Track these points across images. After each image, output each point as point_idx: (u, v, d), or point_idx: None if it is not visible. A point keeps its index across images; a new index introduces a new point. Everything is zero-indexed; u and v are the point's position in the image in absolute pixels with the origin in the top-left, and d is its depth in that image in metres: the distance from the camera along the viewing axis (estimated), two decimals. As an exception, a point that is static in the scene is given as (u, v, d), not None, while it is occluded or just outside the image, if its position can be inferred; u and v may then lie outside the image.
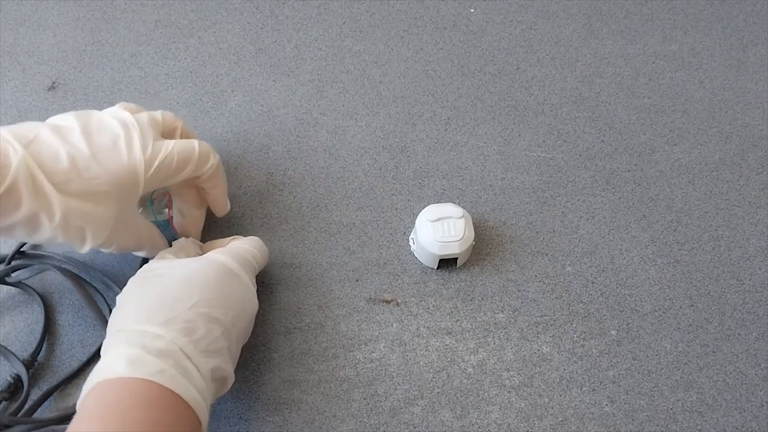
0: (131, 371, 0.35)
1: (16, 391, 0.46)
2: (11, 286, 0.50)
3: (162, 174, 0.43)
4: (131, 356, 0.35)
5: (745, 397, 0.47)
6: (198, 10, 0.64)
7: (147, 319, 0.37)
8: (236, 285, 0.42)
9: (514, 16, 0.64)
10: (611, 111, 0.59)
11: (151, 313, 0.38)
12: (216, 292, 0.40)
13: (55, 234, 0.40)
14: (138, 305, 0.39)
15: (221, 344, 0.39)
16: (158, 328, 0.37)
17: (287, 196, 0.54)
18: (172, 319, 0.38)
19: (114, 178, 0.41)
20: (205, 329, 0.38)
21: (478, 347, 0.48)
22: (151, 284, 0.40)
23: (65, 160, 0.40)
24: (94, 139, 0.41)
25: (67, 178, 0.39)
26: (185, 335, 0.37)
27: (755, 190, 0.55)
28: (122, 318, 0.39)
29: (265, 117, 0.58)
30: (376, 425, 0.46)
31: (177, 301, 0.39)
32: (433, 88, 0.60)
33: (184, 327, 0.38)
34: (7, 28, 0.63)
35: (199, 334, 0.38)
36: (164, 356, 0.36)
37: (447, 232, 0.49)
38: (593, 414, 0.46)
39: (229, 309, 0.41)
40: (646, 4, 0.64)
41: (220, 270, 0.42)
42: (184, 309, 0.38)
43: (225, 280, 0.42)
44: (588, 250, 0.52)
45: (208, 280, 0.41)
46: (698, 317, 0.50)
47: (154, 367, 0.35)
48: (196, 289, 0.40)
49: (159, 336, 0.37)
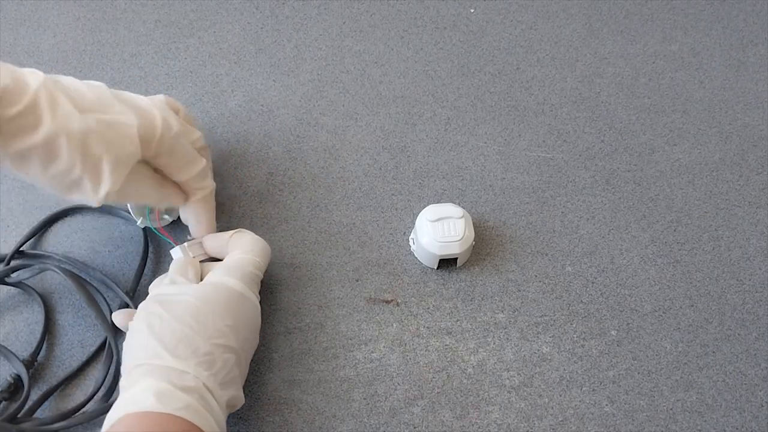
0: (160, 406, 0.35)
1: (15, 391, 0.46)
2: (11, 287, 0.50)
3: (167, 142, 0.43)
4: (159, 390, 0.36)
5: (745, 397, 0.47)
6: (198, 10, 0.64)
7: (170, 353, 0.38)
8: (245, 307, 0.43)
9: (514, 16, 0.64)
10: (611, 111, 0.59)
11: (172, 347, 0.38)
12: (229, 320, 0.41)
13: (74, 162, 0.38)
14: (159, 338, 0.39)
15: (235, 372, 0.40)
16: (182, 362, 0.38)
17: (287, 196, 0.54)
18: (193, 353, 0.38)
19: (136, 116, 0.41)
20: (222, 361, 0.39)
21: (478, 347, 0.48)
22: (167, 315, 0.40)
23: (88, 94, 0.40)
24: (116, 92, 0.42)
25: (90, 107, 0.39)
26: (206, 369, 0.38)
27: (755, 190, 0.55)
28: (144, 350, 0.39)
29: (265, 117, 0.58)
30: (376, 425, 0.46)
31: (195, 333, 0.39)
32: (433, 88, 0.60)
33: (204, 360, 0.38)
34: (7, 28, 0.63)
35: (217, 366, 0.39)
36: (189, 391, 0.37)
37: (447, 232, 0.49)
38: (593, 414, 0.46)
39: (240, 334, 0.41)
40: (646, 4, 0.64)
41: (228, 295, 0.42)
42: (202, 341, 0.39)
43: (235, 306, 0.42)
44: (588, 250, 0.52)
45: (219, 308, 0.41)
46: (698, 317, 0.50)
47: (181, 402, 0.36)
48: (210, 319, 0.40)
49: (184, 372, 0.37)
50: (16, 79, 0.37)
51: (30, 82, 0.37)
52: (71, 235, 0.53)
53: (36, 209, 0.53)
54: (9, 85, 0.36)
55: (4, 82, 0.36)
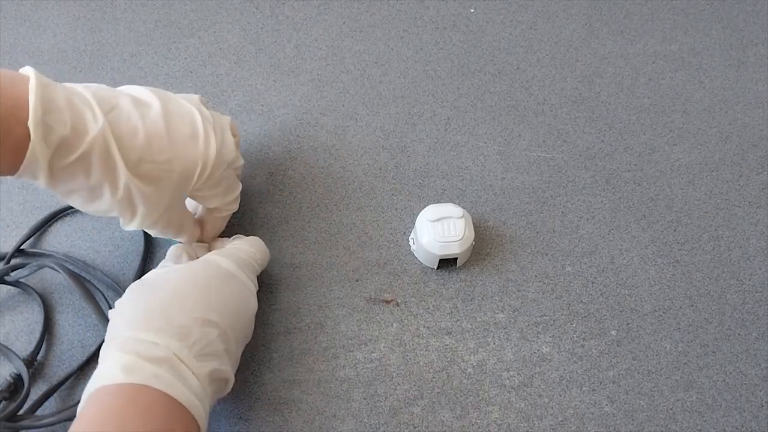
0: (127, 377, 0.35)
1: (15, 390, 0.46)
2: (10, 286, 0.50)
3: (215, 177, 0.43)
4: (127, 363, 0.36)
5: (745, 397, 0.47)
6: (198, 10, 0.64)
7: (141, 326, 0.38)
8: (233, 286, 0.42)
9: (514, 16, 0.64)
10: (611, 111, 0.59)
11: (145, 320, 0.38)
12: (211, 295, 0.40)
13: (112, 207, 0.40)
14: (133, 312, 0.39)
15: (218, 347, 0.39)
16: (152, 335, 0.37)
17: (287, 196, 0.54)
18: (166, 325, 0.38)
19: (182, 167, 0.41)
20: (200, 333, 0.38)
21: (478, 347, 0.48)
22: (147, 291, 0.40)
23: (142, 138, 0.39)
24: (173, 123, 0.41)
25: (139, 156, 0.39)
26: (179, 340, 0.37)
27: (755, 190, 0.55)
28: (118, 326, 0.39)
29: (265, 117, 0.58)
30: (376, 425, 0.46)
31: (171, 306, 0.39)
32: (433, 88, 0.60)
33: (178, 332, 0.38)
34: (7, 28, 0.63)
35: (193, 338, 0.38)
36: (159, 362, 0.36)
37: (447, 232, 0.49)
38: (593, 414, 0.46)
39: (225, 311, 0.41)
40: (646, 4, 0.64)
41: (215, 271, 0.42)
42: (177, 314, 0.38)
43: (220, 282, 0.42)
44: (588, 250, 0.52)
45: (203, 283, 0.41)
46: (698, 317, 0.50)
47: (148, 372, 0.35)
48: (189, 293, 0.40)
49: (153, 343, 0.37)
50: (75, 127, 0.37)
51: (90, 129, 0.37)
52: (71, 235, 0.53)
53: (36, 209, 0.53)
54: (68, 137, 0.36)
55: (62, 133, 0.36)
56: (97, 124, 0.37)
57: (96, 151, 0.37)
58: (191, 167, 0.41)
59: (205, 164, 0.42)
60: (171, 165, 0.40)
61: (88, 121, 0.37)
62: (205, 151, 0.42)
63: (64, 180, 0.38)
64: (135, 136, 0.39)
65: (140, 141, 0.39)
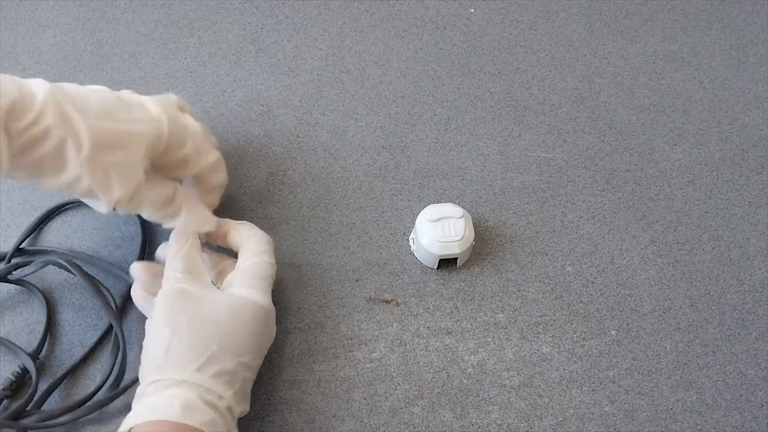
0: (184, 416, 0.36)
1: (18, 389, 0.46)
2: (13, 284, 0.50)
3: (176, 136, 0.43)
4: (186, 402, 0.37)
5: (745, 397, 0.47)
6: (198, 10, 0.64)
7: (198, 365, 0.38)
8: (269, 327, 0.44)
9: (514, 16, 0.64)
10: (611, 111, 0.59)
11: (201, 361, 0.39)
12: (253, 339, 0.42)
13: (82, 172, 0.39)
14: (185, 346, 0.39)
15: (248, 388, 0.42)
16: (210, 380, 0.38)
17: (287, 196, 0.54)
18: (220, 370, 0.39)
19: (144, 125, 0.41)
20: (242, 379, 0.40)
21: (478, 347, 0.48)
22: (195, 321, 0.40)
23: (94, 101, 0.40)
24: (121, 95, 0.42)
25: (97, 115, 0.39)
26: (230, 388, 0.39)
27: (755, 190, 0.55)
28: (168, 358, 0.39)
29: (265, 117, 0.58)
30: (376, 425, 0.46)
31: (222, 349, 0.39)
32: (433, 88, 0.60)
33: (229, 380, 0.39)
34: (7, 28, 0.63)
35: (238, 385, 0.40)
36: (214, 408, 0.38)
37: (447, 232, 0.49)
38: (593, 414, 0.46)
39: (258, 352, 0.42)
40: (646, 4, 0.64)
41: (258, 314, 0.42)
42: (230, 359, 0.39)
43: (261, 327, 0.43)
44: (588, 250, 0.52)
45: (249, 328, 0.41)
46: (698, 317, 0.50)
47: (206, 416, 0.37)
48: (238, 337, 0.41)
49: (212, 390, 0.38)
50: (22, 91, 0.37)
51: (36, 92, 0.38)
52: (71, 235, 0.53)
53: (36, 209, 0.53)
54: (17, 98, 0.36)
55: (11, 96, 0.36)
56: (43, 89, 0.38)
57: (50, 110, 0.37)
58: (151, 123, 0.42)
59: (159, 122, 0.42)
60: (132, 125, 0.41)
61: (34, 87, 0.38)
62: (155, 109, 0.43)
63: (29, 147, 0.37)
64: (86, 99, 0.40)
65: (93, 103, 0.40)
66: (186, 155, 0.44)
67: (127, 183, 0.41)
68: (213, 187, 0.48)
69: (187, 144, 0.44)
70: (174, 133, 0.43)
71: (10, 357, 0.48)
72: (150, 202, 0.43)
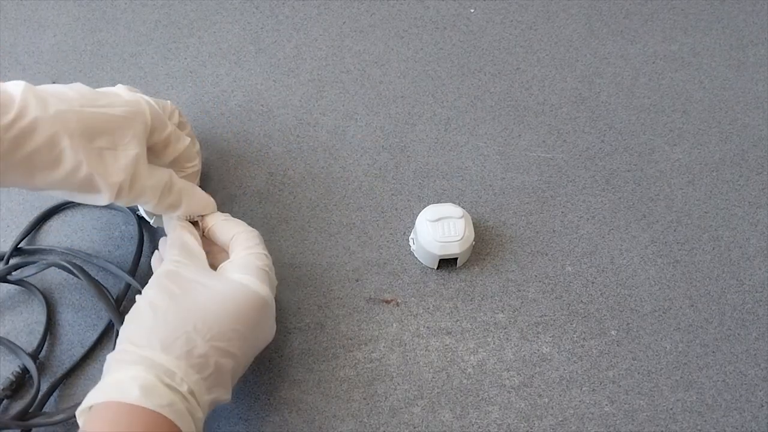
0: (144, 400, 0.35)
1: (18, 388, 0.46)
2: (12, 284, 0.50)
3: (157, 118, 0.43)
4: (145, 383, 0.36)
5: (745, 397, 0.47)
6: (198, 10, 0.64)
7: (163, 348, 0.37)
8: (266, 319, 0.43)
9: (514, 16, 0.64)
10: (611, 111, 0.59)
11: (169, 342, 0.38)
12: (239, 326, 0.40)
13: (80, 159, 0.39)
14: (159, 324, 0.38)
15: (227, 378, 0.40)
16: (173, 360, 0.37)
17: (287, 196, 0.54)
18: (188, 353, 0.38)
19: (125, 109, 0.41)
20: (216, 365, 0.38)
21: (478, 347, 0.48)
22: (176, 302, 0.40)
23: (72, 93, 0.40)
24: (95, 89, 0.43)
25: (79, 104, 0.40)
26: (197, 372, 0.38)
27: (755, 190, 0.55)
28: (140, 333, 0.38)
29: (265, 117, 0.58)
30: (376, 425, 0.46)
31: (196, 332, 0.38)
32: (433, 88, 0.60)
33: (197, 363, 0.38)
34: (7, 28, 0.63)
35: (209, 370, 0.38)
36: (175, 390, 0.36)
37: (447, 232, 0.49)
38: (593, 414, 0.46)
39: (246, 343, 0.41)
40: (646, 4, 0.64)
41: (252, 301, 0.41)
42: (201, 342, 0.38)
43: (254, 315, 0.41)
44: (588, 250, 0.52)
45: (235, 313, 0.40)
46: (698, 317, 0.50)
47: (165, 399, 0.36)
48: (216, 319, 0.39)
49: (172, 371, 0.37)
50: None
51: (12, 90, 0.38)
52: (71, 235, 0.53)
53: (36, 209, 0.53)
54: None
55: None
56: (18, 86, 0.38)
57: (32, 102, 0.38)
58: (132, 106, 0.42)
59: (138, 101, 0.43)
60: (114, 106, 0.41)
61: (9, 87, 0.38)
62: (132, 95, 0.43)
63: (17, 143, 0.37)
64: (64, 93, 0.40)
65: (71, 94, 0.40)
66: (168, 135, 0.45)
67: (125, 165, 0.41)
68: (189, 174, 0.48)
69: (167, 125, 0.45)
70: (155, 115, 0.43)
71: (10, 357, 0.48)
72: (151, 189, 0.43)
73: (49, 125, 0.38)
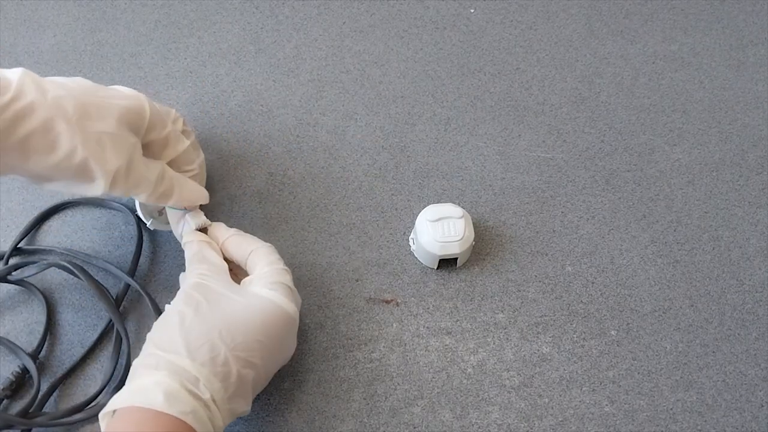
0: (167, 406, 0.36)
1: (18, 388, 0.46)
2: (12, 284, 0.50)
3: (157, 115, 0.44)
4: (169, 389, 0.36)
5: (745, 397, 0.47)
6: (198, 10, 0.64)
7: (188, 354, 0.38)
8: (290, 335, 0.43)
9: (514, 16, 0.64)
10: (611, 111, 0.59)
11: (194, 348, 0.38)
12: (262, 337, 0.40)
13: (76, 143, 0.38)
14: (185, 331, 0.39)
15: (248, 389, 0.40)
16: (197, 367, 0.38)
17: (287, 196, 0.54)
18: (211, 361, 0.38)
19: (124, 101, 0.41)
20: (238, 375, 0.39)
21: (477, 347, 0.48)
22: (203, 310, 0.40)
23: (72, 84, 0.40)
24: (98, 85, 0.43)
25: (78, 93, 0.40)
26: (220, 380, 0.38)
27: (755, 190, 0.55)
28: (166, 338, 0.39)
29: (265, 117, 0.58)
30: (376, 425, 0.46)
31: (220, 340, 0.39)
32: (433, 88, 0.60)
33: (220, 371, 0.38)
34: (7, 28, 0.63)
35: (231, 380, 0.39)
36: (197, 397, 0.37)
37: (447, 232, 0.49)
38: (593, 414, 0.46)
39: (271, 357, 0.41)
40: (646, 4, 0.64)
41: (280, 318, 0.42)
42: (225, 351, 0.39)
43: (279, 330, 0.42)
44: (588, 250, 0.52)
45: (260, 325, 0.41)
46: (698, 317, 0.50)
47: (188, 406, 0.36)
48: (241, 330, 0.40)
49: (196, 377, 0.37)
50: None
51: (9, 75, 0.38)
52: (71, 235, 0.53)
53: (35, 209, 0.53)
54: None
55: None
56: (16, 72, 0.38)
57: (30, 87, 0.38)
58: (132, 100, 0.42)
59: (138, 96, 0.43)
60: (112, 100, 0.41)
61: (7, 72, 0.38)
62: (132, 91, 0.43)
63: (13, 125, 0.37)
64: (63, 84, 0.40)
65: (72, 84, 0.40)
66: (167, 134, 0.45)
67: (121, 152, 0.40)
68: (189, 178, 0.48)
69: (167, 125, 0.45)
70: (155, 112, 0.43)
71: (10, 357, 0.48)
72: (146, 179, 0.43)
73: (46, 109, 0.38)
